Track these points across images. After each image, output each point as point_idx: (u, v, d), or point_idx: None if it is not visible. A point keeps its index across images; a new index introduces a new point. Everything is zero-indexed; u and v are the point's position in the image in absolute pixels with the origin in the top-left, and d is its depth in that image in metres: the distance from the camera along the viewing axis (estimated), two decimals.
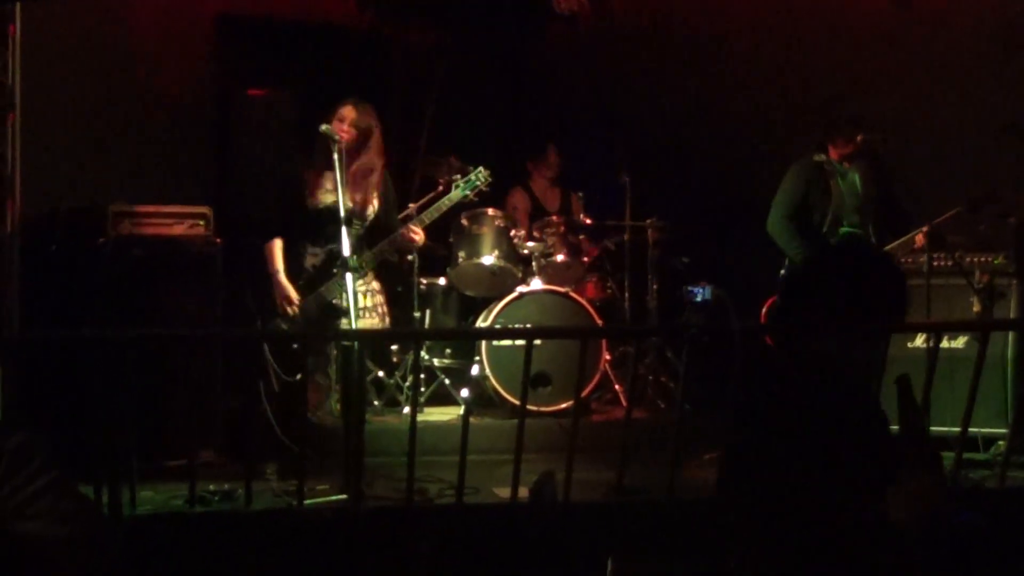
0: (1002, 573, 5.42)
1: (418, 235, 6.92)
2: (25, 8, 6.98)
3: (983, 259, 7.54)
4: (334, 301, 6.78)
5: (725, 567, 4.46)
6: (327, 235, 6.79)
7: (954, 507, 5.41)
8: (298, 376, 6.33)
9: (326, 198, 6.76)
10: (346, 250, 6.47)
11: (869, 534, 3.03)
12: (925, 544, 2.81)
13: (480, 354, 8.13)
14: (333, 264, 6.75)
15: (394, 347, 8.71)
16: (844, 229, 6.93)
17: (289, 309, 6.72)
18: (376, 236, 6.98)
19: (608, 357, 8.45)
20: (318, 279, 6.82)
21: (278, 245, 6.77)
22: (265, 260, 6.79)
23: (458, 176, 7.37)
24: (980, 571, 5.30)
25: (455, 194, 7.13)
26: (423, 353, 8.44)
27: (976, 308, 7.14)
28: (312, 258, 6.85)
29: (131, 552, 5.19)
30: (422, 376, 8.40)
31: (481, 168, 7.25)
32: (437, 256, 8.85)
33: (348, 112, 6.79)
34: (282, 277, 6.74)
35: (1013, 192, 7.43)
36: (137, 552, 5.28)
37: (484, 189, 7.27)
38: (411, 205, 8.38)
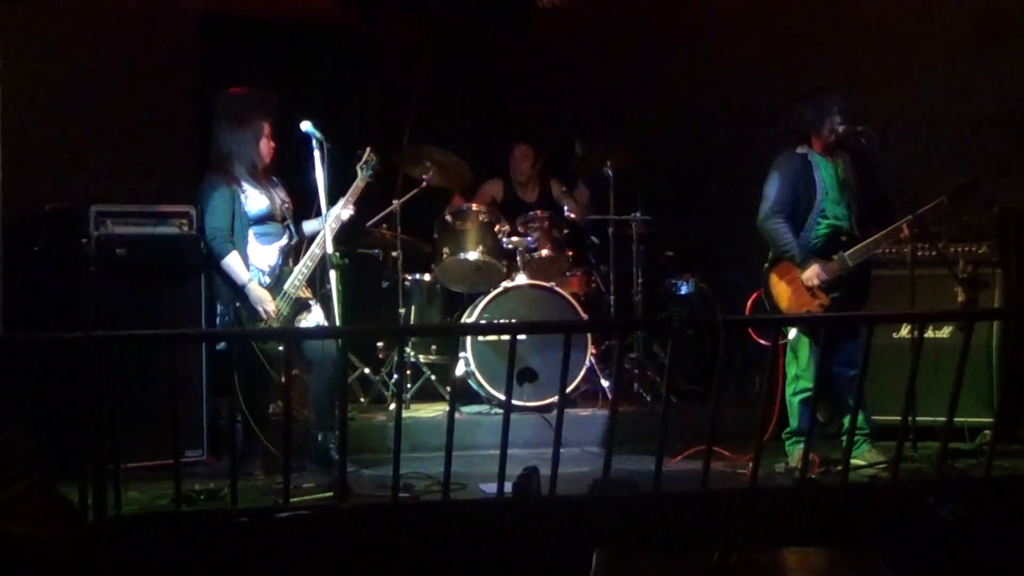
0: (987, 562, 5.43)
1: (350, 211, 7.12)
2: (6, 10, 6.97)
3: (967, 249, 7.56)
4: (297, 296, 6.82)
5: (714, 560, 4.46)
6: (273, 234, 6.93)
7: (938, 497, 5.43)
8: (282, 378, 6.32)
9: (265, 199, 6.88)
10: (329, 247, 6.51)
11: None
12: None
13: (466, 350, 8.13)
14: (286, 262, 6.90)
15: (380, 344, 8.71)
16: (827, 221, 6.93)
17: (272, 313, 6.72)
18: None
19: (594, 351, 8.45)
20: (274, 279, 6.83)
21: (236, 257, 6.76)
22: (228, 276, 6.77)
23: (355, 162, 7.36)
24: (964, 560, 5.32)
25: (362, 177, 7.17)
26: (408, 349, 8.44)
27: (960, 298, 7.15)
28: (265, 258, 6.86)
29: (117, 552, 5.18)
30: (408, 372, 8.41)
31: (368, 149, 7.26)
32: (422, 252, 8.85)
33: (269, 128, 6.91)
34: (255, 285, 6.75)
35: (995, 182, 7.44)
36: (123, 552, 5.26)
37: (377, 168, 7.29)
38: (395, 201, 8.38)
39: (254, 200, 6.84)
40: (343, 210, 6.97)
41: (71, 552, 2.47)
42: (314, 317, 6.93)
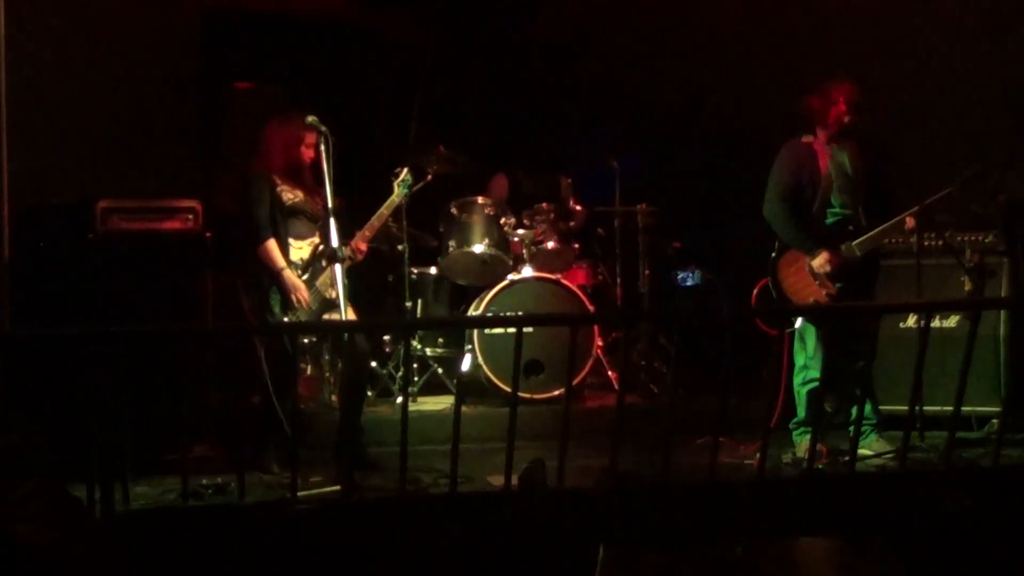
0: (995, 551, 5.42)
1: (363, 248, 7.14)
2: (11, 3, 6.97)
3: (973, 238, 7.54)
4: (327, 295, 6.79)
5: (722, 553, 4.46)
6: (308, 229, 6.87)
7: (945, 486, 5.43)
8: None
9: (299, 193, 6.85)
10: (334, 241, 6.49)
11: None
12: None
13: (472, 343, 8.13)
14: (318, 257, 6.81)
15: (386, 337, 8.70)
16: (835, 210, 6.92)
17: (304, 302, 6.70)
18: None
19: (600, 343, 8.44)
20: (308, 273, 6.82)
21: (273, 244, 6.76)
22: (265, 262, 6.77)
23: (392, 179, 7.52)
24: (971, 550, 5.32)
25: (393, 199, 7.37)
26: (415, 343, 8.44)
27: (967, 287, 7.15)
28: (298, 251, 6.84)
29: (125, 547, 5.19)
30: (414, 366, 8.41)
31: (405, 168, 7.53)
32: (428, 246, 8.84)
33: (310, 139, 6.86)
34: (289, 272, 6.73)
35: (1002, 170, 7.42)
36: (131, 547, 5.28)
37: (413, 190, 7.61)
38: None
39: (288, 193, 6.82)
40: (359, 244, 7.06)
41: (79, 552, 2.47)
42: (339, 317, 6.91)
